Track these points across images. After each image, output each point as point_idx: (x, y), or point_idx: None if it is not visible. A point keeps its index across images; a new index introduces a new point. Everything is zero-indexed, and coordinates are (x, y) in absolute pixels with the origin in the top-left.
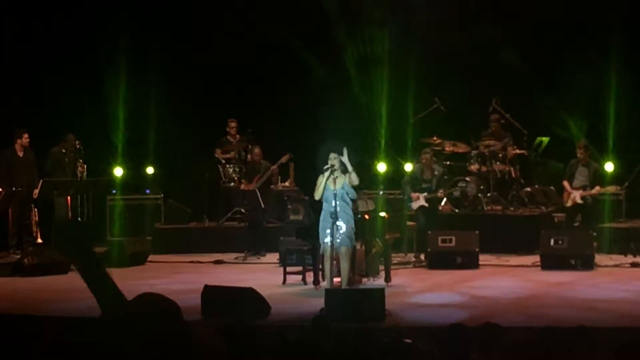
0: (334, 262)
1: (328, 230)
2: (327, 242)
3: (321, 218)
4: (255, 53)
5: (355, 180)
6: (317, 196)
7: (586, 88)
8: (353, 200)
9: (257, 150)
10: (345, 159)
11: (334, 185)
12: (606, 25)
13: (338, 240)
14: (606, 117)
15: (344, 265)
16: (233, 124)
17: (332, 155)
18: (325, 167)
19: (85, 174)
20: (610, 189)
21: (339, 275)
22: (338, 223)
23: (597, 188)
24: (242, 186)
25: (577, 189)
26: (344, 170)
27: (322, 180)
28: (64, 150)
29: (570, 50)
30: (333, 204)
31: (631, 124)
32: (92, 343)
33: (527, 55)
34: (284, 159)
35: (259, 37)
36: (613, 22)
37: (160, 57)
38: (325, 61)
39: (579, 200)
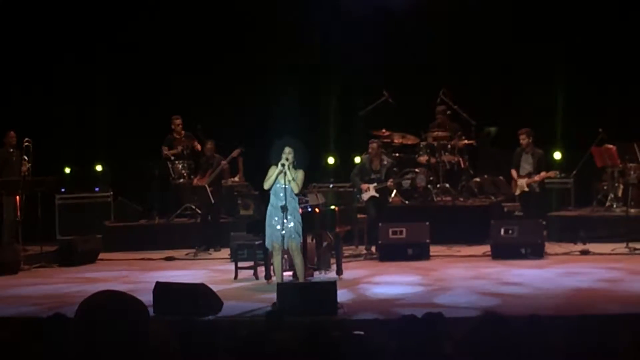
0: (285, 256)
1: (278, 226)
2: (274, 238)
3: (267, 214)
4: (205, 47)
5: (295, 189)
6: (266, 186)
7: (535, 79)
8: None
9: (209, 144)
10: (287, 170)
11: (284, 179)
12: (556, 25)
13: (292, 236)
14: (554, 106)
15: (297, 261)
16: (178, 121)
17: (288, 150)
18: (281, 162)
19: (28, 173)
20: (551, 173)
21: (289, 269)
22: (288, 217)
23: (542, 174)
24: (195, 181)
25: (523, 177)
26: (296, 166)
27: (274, 172)
28: (11, 150)
29: (519, 45)
30: (283, 198)
31: (579, 112)
32: (47, 343)
33: (478, 48)
34: (234, 153)
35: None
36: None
37: (107, 52)
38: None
39: (525, 188)
